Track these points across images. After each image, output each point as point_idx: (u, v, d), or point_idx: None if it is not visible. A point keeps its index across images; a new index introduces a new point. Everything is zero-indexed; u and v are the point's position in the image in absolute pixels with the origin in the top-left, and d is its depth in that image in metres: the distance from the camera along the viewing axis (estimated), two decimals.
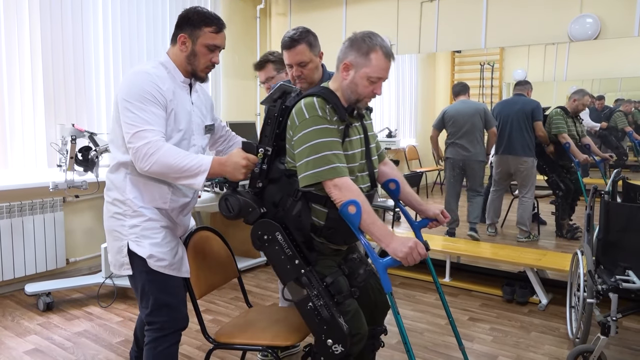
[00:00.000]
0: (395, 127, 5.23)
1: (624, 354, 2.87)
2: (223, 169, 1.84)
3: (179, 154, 1.81)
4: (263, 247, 1.86)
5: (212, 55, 1.97)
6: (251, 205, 1.83)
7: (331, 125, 1.77)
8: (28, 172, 3.80)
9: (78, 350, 2.89)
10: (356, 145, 1.88)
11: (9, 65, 3.65)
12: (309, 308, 1.76)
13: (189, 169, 1.80)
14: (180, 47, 1.96)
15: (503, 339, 3.06)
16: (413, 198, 2.18)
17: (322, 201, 1.79)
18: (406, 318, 3.36)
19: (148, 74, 1.87)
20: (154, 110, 1.83)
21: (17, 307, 3.50)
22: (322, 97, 1.79)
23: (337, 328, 1.71)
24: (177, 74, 1.98)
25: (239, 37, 5.41)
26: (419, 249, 1.64)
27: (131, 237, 1.94)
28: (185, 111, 1.98)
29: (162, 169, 1.80)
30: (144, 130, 1.80)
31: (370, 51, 1.78)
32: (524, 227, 4.30)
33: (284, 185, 1.86)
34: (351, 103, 1.85)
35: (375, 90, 1.84)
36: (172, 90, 1.91)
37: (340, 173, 1.72)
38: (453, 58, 4.85)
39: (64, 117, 3.92)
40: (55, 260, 3.90)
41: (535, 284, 3.59)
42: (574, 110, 4.14)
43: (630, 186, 3.05)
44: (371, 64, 1.78)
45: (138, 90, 1.83)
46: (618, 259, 2.61)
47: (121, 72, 4.29)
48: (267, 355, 2.74)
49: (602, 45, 3.87)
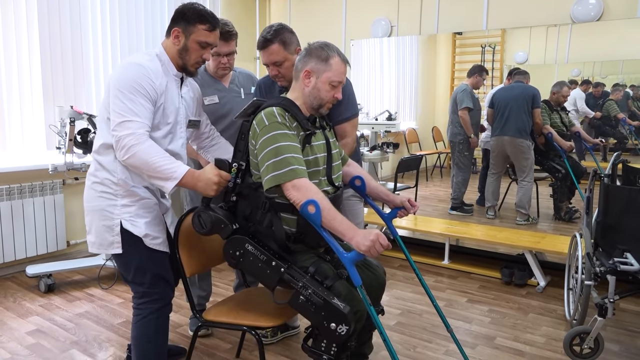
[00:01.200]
0: (395, 110, 5.20)
1: (620, 335, 2.90)
2: (195, 182, 1.89)
3: (158, 154, 1.86)
4: (239, 263, 1.93)
5: (203, 51, 2.03)
6: (223, 221, 1.89)
7: (290, 130, 1.84)
8: (27, 154, 3.79)
9: (80, 331, 2.92)
10: (318, 150, 1.94)
11: (6, 46, 3.62)
12: (301, 301, 1.79)
13: (163, 171, 1.85)
14: (173, 40, 2.01)
15: (501, 320, 3.09)
16: (379, 190, 2.22)
17: (289, 209, 1.85)
18: (405, 300, 3.38)
19: (143, 67, 1.91)
20: (143, 102, 1.88)
21: (18, 289, 3.52)
22: (281, 107, 1.88)
23: (335, 309, 1.72)
24: (171, 66, 2.03)
25: (239, 20, 5.35)
26: (380, 241, 1.68)
27: (124, 216, 1.99)
28: (174, 106, 2.04)
29: (138, 163, 1.85)
30: (130, 120, 1.85)
31: (329, 57, 1.90)
32: (523, 210, 4.31)
33: (252, 198, 1.92)
34: (314, 109, 1.95)
35: (336, 95, 1.94)
36: (164, 85, 1.97)
37: (299, 174, 1.78)
38: (454, 40, 4.81)
39: (62, 99, 3.90)
40: (56, 243, 3.92)
41: (534, 266, 3.62)
42: (555, 102, 4.25)
43: (629, 169, 3.05)
44: (332, 69, 1.90)
45: (130, 81, 1.87)
46: (616, 242, 2.62)
47: (119, 54, 4.26)
48: (267, 336, 2.77)
49: (604, 27, 3.84)
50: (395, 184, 4.48)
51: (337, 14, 5.14)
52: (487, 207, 4.51)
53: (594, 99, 4.17)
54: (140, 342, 2.07)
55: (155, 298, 2.05)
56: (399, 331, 2.92)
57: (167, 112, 2.00)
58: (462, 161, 4.67)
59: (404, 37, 4.84)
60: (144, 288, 2.05)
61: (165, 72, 2.01)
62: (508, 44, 4.44)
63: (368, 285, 2.00)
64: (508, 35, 4.41)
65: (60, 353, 2.66)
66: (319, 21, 5.30)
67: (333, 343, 1.75)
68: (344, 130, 2.33)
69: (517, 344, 2.79)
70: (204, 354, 2.66)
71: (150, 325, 2.06)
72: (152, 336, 2.06)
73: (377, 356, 2.63)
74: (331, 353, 1.76)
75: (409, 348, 2.73)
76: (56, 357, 2.62)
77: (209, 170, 1.90)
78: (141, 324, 2.06)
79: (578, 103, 4.23)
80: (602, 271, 2.47)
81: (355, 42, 5.05)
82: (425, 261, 4.12)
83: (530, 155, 4.26)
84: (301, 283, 1.79)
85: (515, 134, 4.25)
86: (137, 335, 2.06)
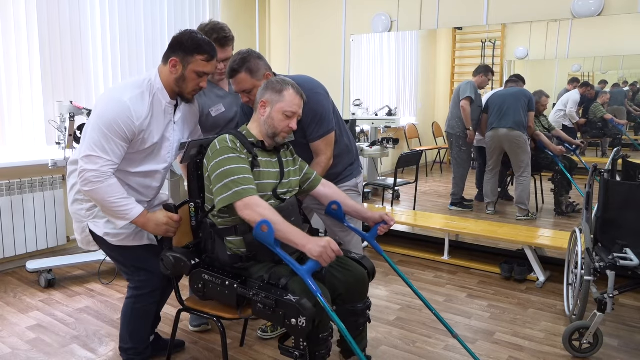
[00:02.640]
0: (395, 106, 5.20)
1: (619, 330, 2.90)
2: (146, 223, 2.05)
3: (116, 195, 1.98)
4: (205, 295, 2.02)
5: (200, 80, 2.08)
6: (182, 260, 2.02)
7: (241, 155, 1.96)
8: (27, 149, 3.79)
9: (80, 326, 2.93)
10: (267, 176, 2.05)
11: (5, 41, 3.61)
12: (258, 309, 1.86)
13: (117, 212, 2.00)
14: (170, 69, 2.05)
15: (500, 315, 3.09)
16: (358, 209, 2.28)
17: (231, 231, 1.99)
18: (405, 295, 3.39)
19: (126, 107, 1.95)
20: (117, 141, 1.96)
21: (18, 284, 3.53)
22: (232, 135, 2.02)
23: (288, 305, 1.78)
24: (164, 95, 2.08)
25: (238, 16, 5.35)
26: (332, 246, 1.79)
27: (89, 218, 2.14)
28: (160, 134, 2.09)
29: (97, 198, 1.99)
30: (99, 157, 1.95)
31: (282, 89, 2.04)
32: (523, 205, 4.32)
33: (204, 230, 2.07)
34: (269, 137, 2.06)
35: (290, 125, 2.04)
36: (147, 122, 2.02)
37: (249, 193, 1.89)
38: (454, 35, 4.80)
39: (62, 95, 3.89)
40: (56, 238, 3.92)
41: (534, 261, 3.62)
42: (535, 111, 4.33)
43: (630, 164, 3.05)
44: (284, 100, 2.02)
45: (110, 120, 1.94)
46: (616, 237, 2.62)
47: (119, 49, 4.25)
48: (267, 331, 2.78)
49: (605, 22, 3.83)
50: (395, 179, 4.49)
51: (337, 9, 5.13)
52: (486, 203, 4.51)
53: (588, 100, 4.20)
54: (122, 319, 2.29)
55: (137, 285, 2.22)
56: (398, 326, 2.93)
57: (146, 141, 2.05)
58: (460, 156, 4.67)
59: (404, 32, 4.84)
60: (128, 275, 2.25)
61: (155, 103, 2.05)
62: (508, 39, 4.43)
63: (345, 284, 2.05)
64: (508, 31, 4.40)
65: (61, 348, 2.67)
66: (319, 16, 5.28)
67: (300, 338, 1.81)
68: (317, 148, 2.39)
69: (517, 339, 2.80)
70: (204, 349, 2.67)
71: (129, 307, 2.25)
72: (129, 317, 2.26)
73: (377, 351, 2.63)
74: (301, 348, 1.82)
75: (409, 343, 2.74)
76: (57, 352, 2.62)
77: (159, 213, 2.07)
78: (124, 304, 2.28)
79: (569, 106, 4.26)
80: (602, 266, 2.48)
81: (356, 37, 5.04)
82: (425, 256, 4.12)
83: (527, 149, 4.27)
84: (253, 291, 1.86)
85: (512, 126, 4.26)
86: (121, 314, 2.29)
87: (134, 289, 2.23)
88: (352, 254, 2.20)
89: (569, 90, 4.28)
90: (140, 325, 2.28)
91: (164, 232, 2.07)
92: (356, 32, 5.02)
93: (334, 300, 2.04)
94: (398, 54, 5.08)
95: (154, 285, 2.21)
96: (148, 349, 2.34)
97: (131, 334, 2.28)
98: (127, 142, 1.99)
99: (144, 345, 2.31)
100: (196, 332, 2.84)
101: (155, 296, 2.25)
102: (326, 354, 1.91)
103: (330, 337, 1.91)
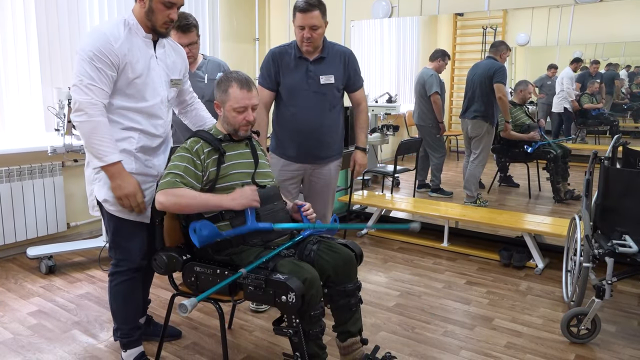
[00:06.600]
0: (395, 92, 5.18)
1: (617, 316, 2.92)
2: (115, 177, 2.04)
3: (104, 135, 2.00)
4: (197, 289, 2.05)
5: (169, 11, 2.09)
6: (173, 257, 2.07)
7: (193, 156, 2.05)
8: (25, 136, 3.77)
9: (81, 312, 2.94)
10: (241, 166, 2.17)
11: (3, 28, 3.58)
12: (249, 291, 1.92)
13: (97, 151, 2.01)
14: (139, 3, 2.09)
15: (499, 301, 3.11)
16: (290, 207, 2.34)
17: (218, 218, 2.05)
18: (404, 281, 3.40)
19: (104, 34, 2.01)
20: (103, 69, 1.99)
21: (19, 270, 3.54)
22: (196, 136, 2.14)
23: (277, 282, 1.84)
24: (139, 30, 2.10)
25: (238, 3, 5.30)
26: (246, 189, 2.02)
27: (95, 181, 2.16)
28: (144, 63, 2.10)
29: (83, 131, 2.01)
30: (92, 85, 1.98)
31: (227, 88, 2.11)
32: (468, 192, 4.41)
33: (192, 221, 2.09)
34: (233, 132, 2.17)
35: (246, 118, 2.13)
36: (127, 47, 2.05)
37: (174, 185, 1.98)
38: (455, 21, 4.77)
39: (60, 81, 3.87)
40: (56, 225, 3.92)
41: (533, 248, 3.63)
42: (521, 99, 4.41)
43: (630, 152, 3.05)
44: (231, 98, 2.11)
45: (92, 48, 1.98)
46: (615, 224, 2.63)
47: None
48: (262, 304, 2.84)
49: (607, 8, 3.80)
50: (395, 166, 4.48)
51: None
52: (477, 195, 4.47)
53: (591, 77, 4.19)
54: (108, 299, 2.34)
55: (114, 262, 2.25)
56: (397, 312, 2.95)
57: (135, 68, 2.06)
58: (436, 142, 4.74)
59: (405, 18, 4.80)
60: (110, 251, 2.26)
61: (133, 35, 2.08)
62: (510, 25, 4.40)
63: (334, 267, 2.09)
64: (510, 17, 4.37)
65: (62, 333, 2.69)
66: None
67: (292, 315, 1.87)
68: (360, 96, 2.90)
69: (515, 325, 2.81)
70: (204, 335, 2.68)
71: (109, 287, 2.29)
72: (110, 297, 2.30)
73: (376, 337, 2.65)
74: (294, 326, 1.87)
75: (408, 329, 2.75)
76: (58, 337, 2.64)
77: (135, 183, 2.08)
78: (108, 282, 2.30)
79: (565, 83, 4.27)
80: (601, 253, 2.48)
81: (356, 23, 5.00)
82: (425, 243, 4.13)
83: (487, 138, 4.34)
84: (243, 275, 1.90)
85: (473, 116, 4.35)
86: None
87: (113, 266, 2.26)
88: (339, 240, 2.25)
89: (549, 76, 4.32)
90: (121, 306, 2.29)
91: (123, 202, 2.08)
92: (356, 17, 4.98)
93: (325, 284, 2.09)
94: (398, 40, 5.04)
95: (129, 264, 2.22)
96: (135, 331, 2.33)
97: (114, 314, 2.33)
98: (113, 69, 2.01)
99: (128, 327, 2.31)
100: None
101: (129, 276, 2.24)
102: (319, 333, 1.95)
103: (322, 315, 1.95)
